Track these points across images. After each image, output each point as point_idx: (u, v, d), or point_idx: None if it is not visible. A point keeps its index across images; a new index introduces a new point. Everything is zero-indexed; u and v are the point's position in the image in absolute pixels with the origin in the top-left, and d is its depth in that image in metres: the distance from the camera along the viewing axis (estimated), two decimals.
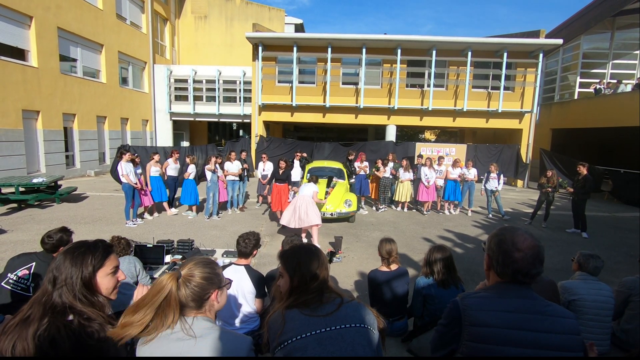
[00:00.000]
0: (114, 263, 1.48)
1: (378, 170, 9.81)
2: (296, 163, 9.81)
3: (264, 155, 9.77)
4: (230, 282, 1.58)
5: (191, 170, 8.35)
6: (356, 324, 1.42)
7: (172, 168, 8.63)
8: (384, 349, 1.52)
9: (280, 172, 8.27)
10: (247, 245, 3.05)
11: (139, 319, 1.27)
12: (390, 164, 10.00)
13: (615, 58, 17.05)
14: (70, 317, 1.28)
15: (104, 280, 1.42)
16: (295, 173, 9.71)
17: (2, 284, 2.68)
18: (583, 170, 7.81)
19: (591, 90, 16.30)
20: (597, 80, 16.46)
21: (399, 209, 10.01)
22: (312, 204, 6.36)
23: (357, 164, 9.88)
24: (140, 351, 1.35)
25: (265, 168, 9.42)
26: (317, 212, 6.36)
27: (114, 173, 9.15)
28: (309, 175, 6.74)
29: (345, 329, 1.39)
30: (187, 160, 8.40)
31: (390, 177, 9.75)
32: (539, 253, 1.37)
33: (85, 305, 1.33)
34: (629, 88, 14.80)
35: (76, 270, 1.35)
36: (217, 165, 8.42)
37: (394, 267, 3.41)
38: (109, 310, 1.41)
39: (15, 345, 1.20)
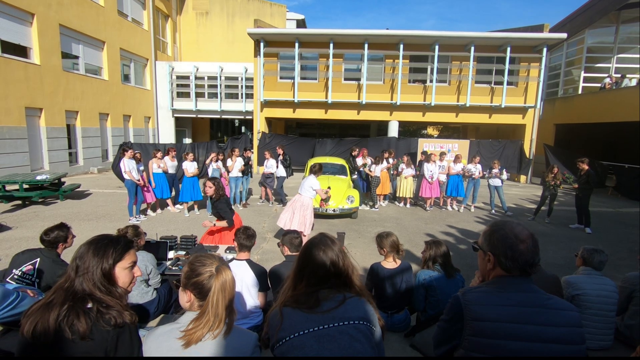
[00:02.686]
0: (132, 258, 1.51)
1: (370, 169, 9.64)
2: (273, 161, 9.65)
3: (266, 152, 9.79)
4: None
5: (186, 166, 8.23)
6: (355, 321, 1.39)
7: (169, 166, 8.60)
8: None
9: (212, 197, 4.67)
10: (248, 238, 3.10)
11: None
12: (391, 160, 9.95)
13: (619, 52, 16.87)
14: (90, 304, 1.32)
15: (122, 274, 1.46)
16: (277, 169, 9.62)
17: (7, 279, 2.72)
18: (584, 166, 7.76)
19: (597, 85, 16.18)
20: (606, 75, 16.28)
21: (401, 204, 10.00)
22: (307, 209, 5.85)
23: (359, 160, 9.84)
24: (165, 343, 1.34)
25: (267, 165, 9.47)
26: (309, 221, 5.87)
27: (116, 169, 9.17)
28: (311, 167, 6.56)
29: (344, 327, 1.37)
30: (188, 157, 8.34)
31: (379, 176, 9.58)
32: (536, 241, 1.41)
33: (104, 294, 1.36)
34: (633, 82, 14.66)
35: (97, 261, 1.39)
36: (220, 162, 8.42)
37: (398, 262, 3.33)
38: (125, 301, 1.44)
39: (37, 326, 1.24)
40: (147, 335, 1.39)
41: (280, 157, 9.68)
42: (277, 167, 9.58)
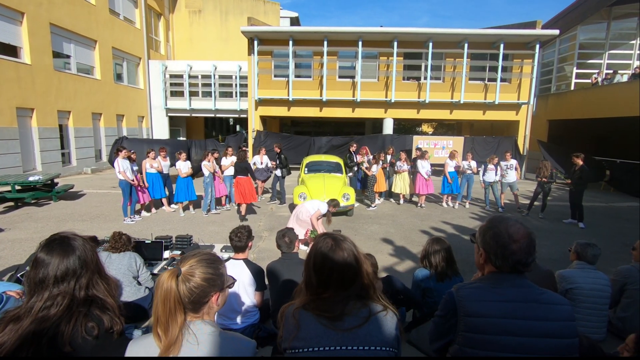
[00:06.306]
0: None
1: (368, 168, 9.64)
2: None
3: (261, 149, 9.82)
4: (234, 281, 1.47)
5: (179, 166, 8.12)
6: (378, 346, 1.28)
7: (162, 165, 8.48)
8: None
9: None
10: (240, 239, 3.06)
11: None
12: (389, 158, 9.98)
13: (611, 48, 17.02)
14: (93, 309, 1.26)
15: None
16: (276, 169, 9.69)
17: (18, 276, 2.72)
18: (578, 161, 7.81)
19: (589, 81, 16.32)
20: (596, 71, 16.41)
21: (400, 201, 10.03)
22: (306, 222, 5.86)
23: (359, 158, 9.82)
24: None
25: (263, 161, 9.50)
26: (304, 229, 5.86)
27: (113, 163, 9.08)
28: (329, 201, 6.08)
29: (363, 351, 1.27)
30: (181, 157, 8.24)
31: (375, 174, 9.61)
32: (532, 241, 1.38)
33: (104, 293, 1.32)
34: (625, 78, 14.81)
35: (93, 255, 1.36)
36: (214, 161, 8.38)
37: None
38: (116, 292, 1.39)
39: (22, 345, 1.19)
40: (131, 344, 1.29)
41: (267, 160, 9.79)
42: (276, 165, 9.63)
